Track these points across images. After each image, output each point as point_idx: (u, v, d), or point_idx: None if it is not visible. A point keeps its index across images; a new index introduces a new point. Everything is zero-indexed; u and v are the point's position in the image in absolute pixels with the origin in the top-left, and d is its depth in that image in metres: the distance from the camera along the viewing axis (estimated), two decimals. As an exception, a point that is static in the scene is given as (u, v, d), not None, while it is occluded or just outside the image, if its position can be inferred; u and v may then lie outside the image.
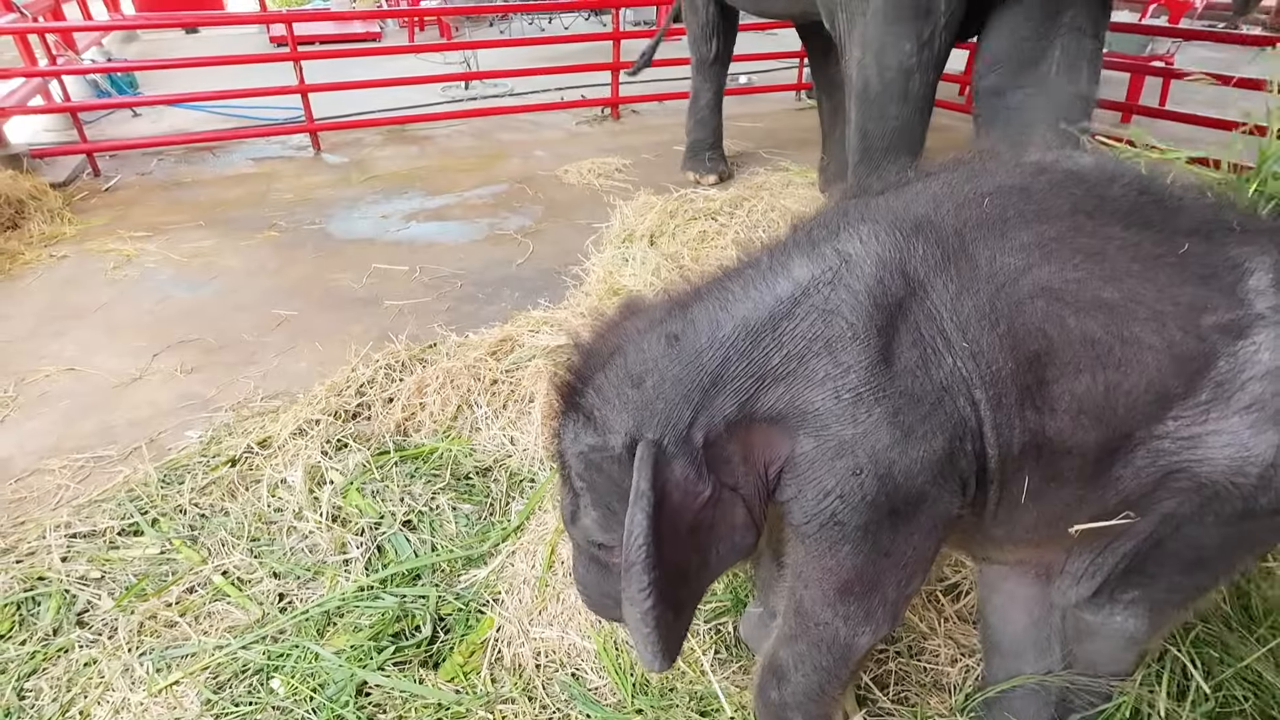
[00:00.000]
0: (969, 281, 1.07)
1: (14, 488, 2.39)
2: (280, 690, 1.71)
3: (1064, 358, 1.06)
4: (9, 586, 1.98)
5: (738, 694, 1.68)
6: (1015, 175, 1.17)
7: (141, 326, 3.34)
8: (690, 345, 1.11)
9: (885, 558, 1.14)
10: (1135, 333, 1.06)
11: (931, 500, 1.11)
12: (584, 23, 10.61)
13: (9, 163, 4.68)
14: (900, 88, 2.93)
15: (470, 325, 3.18)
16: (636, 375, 1.12)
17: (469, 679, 1.75)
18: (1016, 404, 1.08)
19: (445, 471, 2.34)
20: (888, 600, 1.20)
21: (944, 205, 1.12)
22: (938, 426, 1.07)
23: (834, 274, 1.09)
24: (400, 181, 5.06)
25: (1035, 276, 1.06)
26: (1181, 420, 1.09)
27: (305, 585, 2.00)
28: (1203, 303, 1.07)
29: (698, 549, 1.16)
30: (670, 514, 1.09)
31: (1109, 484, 1.15)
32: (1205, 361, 1.07)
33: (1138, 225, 1.12)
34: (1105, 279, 1.07)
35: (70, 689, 1.73)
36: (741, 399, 1.09)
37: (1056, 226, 1.09)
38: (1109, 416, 1.09)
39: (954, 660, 1.76)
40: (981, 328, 1.06)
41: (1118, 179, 1.17)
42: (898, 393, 1.06)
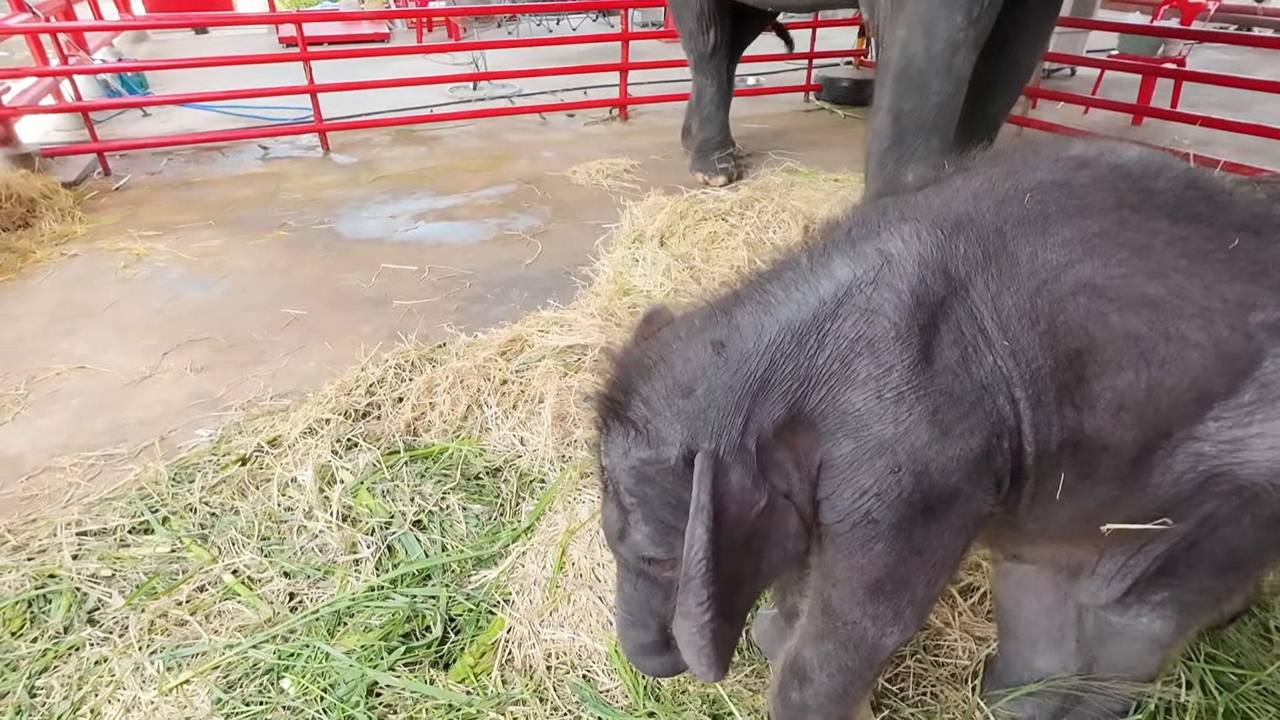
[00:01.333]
0: (1010, 279, 1.06)
1: (25, 485, 2.40)
2: (291, 690, 1.70)
3: (1106, 355, 1.05)
4: (20, 584, 1.98)
5: (750, 697, 1.67)
6: (1057, 170, 1.15)
7: (151, 325, 3.34)
8: (737, 351, 1.10)
9: (917, 556, 1.13)
10: (1181, 329, 1.04)
11: (965, 498, 1.10)
12: (592, 24, 10.61)
13: (20, 161, 4.70)
14: (945, 63, 2.97)
15: (479, 325, 3.18)
16: (686, 385, 1.10)
17: (480, 680, 1.74)
18: (1055, 401, 1.07)
19: (455, 472, 2.34)
20: (916, 600, 1.19)
21: (984, 202, 1.11)
22: (976, 425, 1.06)
23: (876, 274, 1.08)
24: (409, 182, 5.06)
25: (1077, 273, 1.05)
26: (1223, 422, 1.07)
27: (315, 585, 2.00)
28: (1252, 300, 1.05)
29: (752, 558, 1.14)
30: (728, 525, 1.08)
31: (1146, 487, 1.13)
32: (1251, 361, 1.05)
33: (1185, 220, 1.09)
34: (1150, 274, 1.05)
35: (81, 687, 1.73)
36: (789, 402, 1.08)
37: (1100, 222, 1.07)
38: (1150, 414, 1.07)
39: (970, 654, 1.75)
40: (1022, 326, 1.05)
41: (1164, 172, 1.14)
42: (938, 391, 1.05)
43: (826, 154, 5.40)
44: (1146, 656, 1.39)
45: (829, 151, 5.50)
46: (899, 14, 3.03)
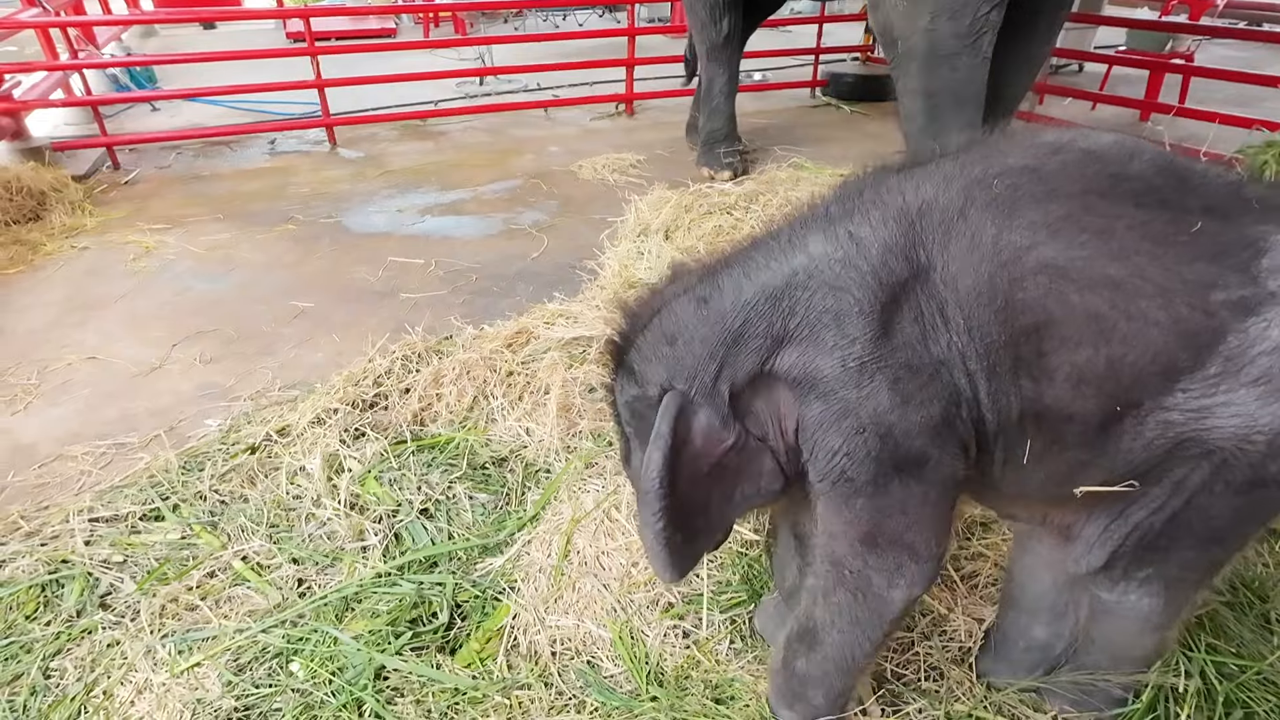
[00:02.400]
0: (971, 260, 1.14)
1: (38, 473, 2.43)
2: (300, 673, 1.73)
3: (1065, 331, 1.11)
4: (34, 569, 2.01)
5: (752, 681, 1.69)
6: (1029, 155, 1.20)
7: (161, 317, 3.38)
8: (717, 307, 1.23)
9: (902, 514, 1.23)
10: (1141, 309, 1.09)
11: (935, 461, 1.20)
12: (598, 19, 10.61)
13: (31, 155, 4.74)
14: (972, 39, 3.05)
15: (486, 318, 3.20)
16: (670, 334, 1.25)
17: (485, 665, 1.76)
18: (1013, 374, 1.15)
19: (462, 461, 2.36)
20: (917, 555, 1.27)
21: (954, 185, 1.18)
22: (934, 395, 1.17)
23: (845, 254, 1.19)
24: (415, 176, 5.08)
25: (1039, 254, 1.11)
26: (1190, 393, 1.12)
27: (324, 571, 2.02)
28: (1213, 279, 1.10)
29: (722, 487, 1.29)
30: (693, 455, 1.22)
31: (1117, 451, 1.18)
32: (1214, 336, 1.10)
33: (1152, 204, 1.14)
34: (1112, 256, 1.10)
35: (94, 669, 1.76)
36: (762, 357, 1.21)
37: (1066, 206, 1.13)
38: (1112, 387, 1.13)
39: (971, 635, 1.77)
40: (980, 304, 1.13)
41: (1137, 158, 1.19)
42: (898, 363, 1.16)
43: (832, 149, 5.40)
44: (1140, 637, 1.42)
45: (835, 147, 5.50)
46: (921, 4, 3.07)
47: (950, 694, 1.66)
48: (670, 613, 1.86)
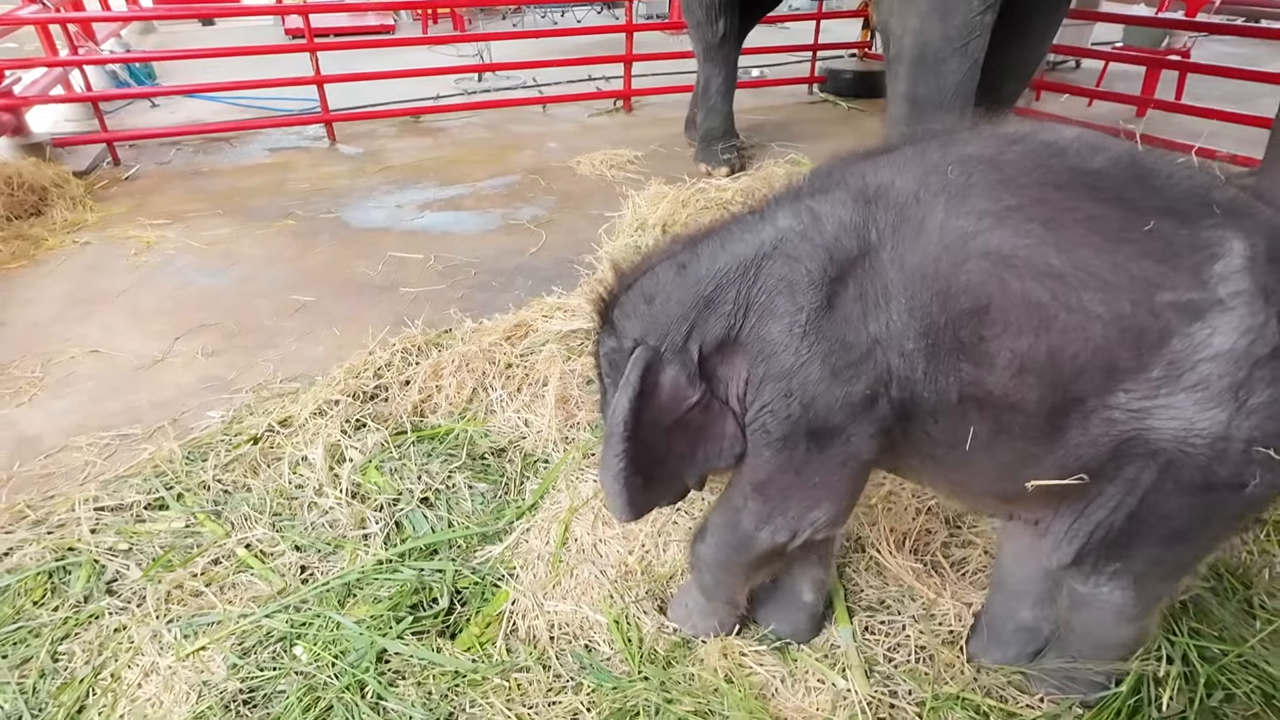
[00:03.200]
0: (918, 242, 1.19)
1: (43, 464, 2.46)
2: (303, 656, 1.76)
3: (1005, 318, 1.14)
4: (41, 556, 2.05)
5: (744, 675, 1.72)
6: (988, 145, 1.24)
7: (163, 311, 3.40)
8: (693, 273, 1.33)
9: (796, 475, 1.35)
10: (1082, 301, 1.11)
11: (845, 437, 1.29)
12: (596, 15, 10.62)
13: (32, 151, 4.76)
14: (962, 43, 3.02)
15: (485, 312, 3.23)
16: (649, 295, 1.36)
17: (485, 649, 1.80)
18: (952, 355, 1.19)
19: (461, 451, 2.40)
20: (789, 513, 1.40)
21: (911, 170, 1.24)
22: (862, 373, 1.23)
23: (803, 227, 1.27)
24: (414, 172, 5.11)
25: (984, 241, 1.15)
26: (1132, 394, 1.13)
27: (326, 558, 2.06)
28: (1161, 280, 1.10)
29: (685, 442, 1.39)
30: (657, 406, 1.33)
31: (1065, 446, 1.20)
32: (1159, 338, 1.11)
33: (1109, 199, 1.15)
34: (1057, 248, 1.12)
35: (101, 653, 1.80)
36: (730, 323, 1.30)
37: (1018, 196, 1.15)
38: (1054, 378, 1.15)
39: (960, 618, 1.81)
40: (923, 284, 1.18)
41: (1101, 152, 1.20)
42: (835, 337, 1.24)
43: (830, 145, 5.42)
44: (1116, 627, 1.45)
45: (832, 143, 5.53)
46: (911, 4, 3.07)
47: (939, 676, 1.70)
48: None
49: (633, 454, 1.32)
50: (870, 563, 1.96)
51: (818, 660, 1.74)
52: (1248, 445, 1.11)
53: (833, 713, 1.63)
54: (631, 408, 1.29)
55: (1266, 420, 1.10)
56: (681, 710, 1.61)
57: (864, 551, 2.00)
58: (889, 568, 1.94)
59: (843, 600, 1.87)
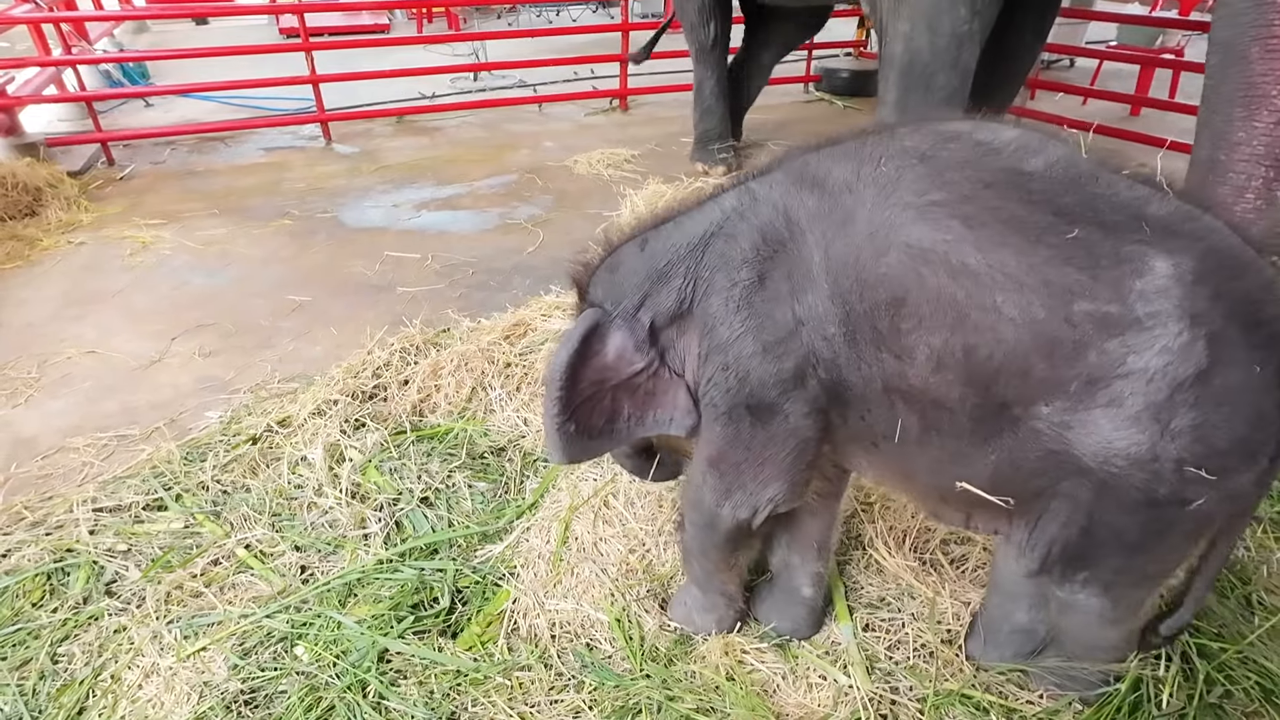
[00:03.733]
0: (843, 231, 1.23)
1: (41, 465, 2.45)
2: (304, 656, 1.76)
3: (921, 311, 1.15)
4: (39, 557, 2.04)
5: (745, 673, 1.72)
6: (925, 141, 1.25)
7: (159, 311, 3.39)
8: (652, 249, 1.43)
9: (745, 450, 1.40)
10: (996, 302, 1.11)
11: (784, 415, 1.34)
12: (592, 15, 10.61)
13: (26, 151, 4.74)
14: (951, 56, 2.96)
15: (483, 311, 3.23)
16: (614, 266, 1.48)
17: (486, 648, 1.80)
18: (871, 344, 1.22)
19: (461, 451, 2.39)
20: (746, 489, 1.45)
21: (848, 161, 1.28)
22: (790, 351, 1.29)
23: (743, 208, 1.35)
24: (411, 172, 5.10)
25: (906, 234, 1.17)
26: (1054, 407, 1.13)
27: (326, 558, 2.06)
28: (1079, 289, 1.09)
29: (635, 405, 1.47)
30: (602, 364, 1.42)
31: (997, 451, 1.20)
32: (1074, 349, 1.09)
33: (1037, 203, 1.14)
34: (976, 246, 1.12)
35: (101, 654, 1.79)
36: (680, 296, 1.39)
37: (944, 192, 1.16)
38: (971, 378, 1.15)
39: (959, 616, 1.82)
40: (845, 271, 1.22)
41: (1040, 155, 1.19)
42: (765, 313, 1.29)
43: (825, 144, 5.43)
44: (1100, 629, 1.45)
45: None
46: (901, 7, 3.03)
47: (940, 673, 1.71)
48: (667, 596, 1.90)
49: (567, 403, 1.40)
50: (870, 561, 1.97)
51: (819, 657, 1.74)
52: (1179, 466, 1.09)
53: (834, 709, 1.63)
54: (569, 361, 1.37)
55: (1194, 443, 1.08)
56: (683, 708, 1.61)
57: (864, 549, 2.00)
58: (888, 566, 1.94)
59: (843, 598, 1.87)
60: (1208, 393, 1.07)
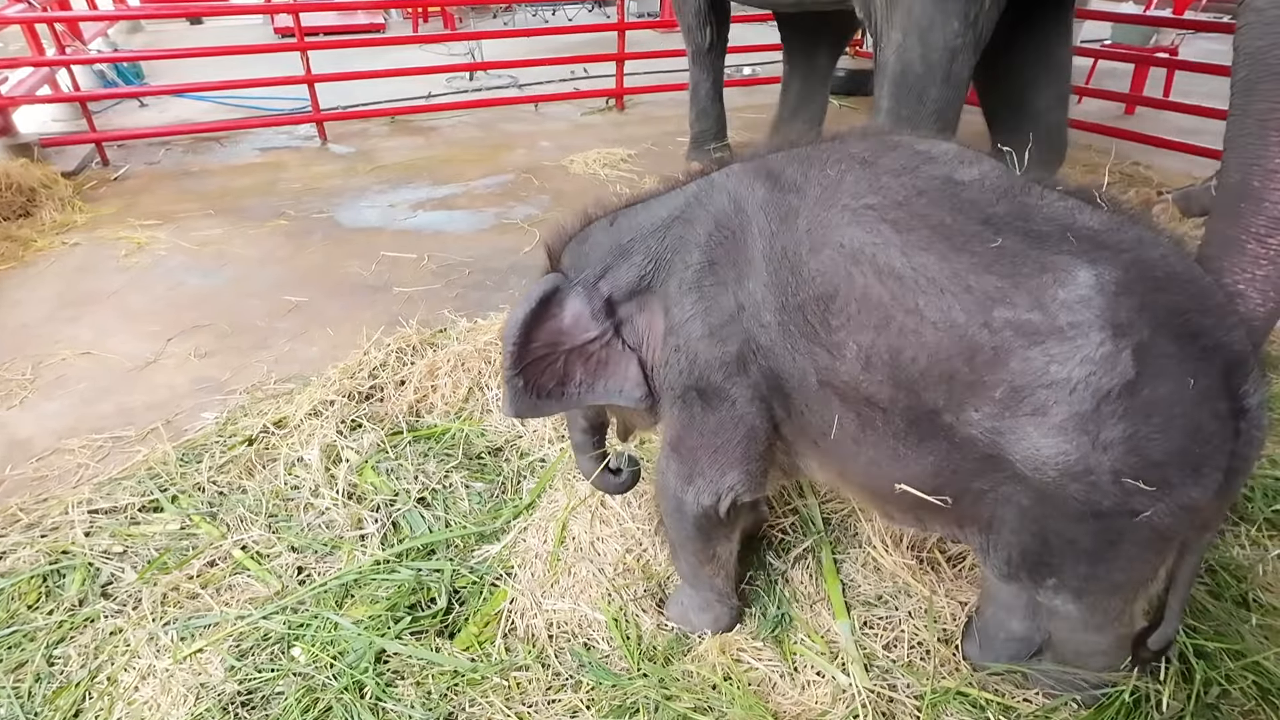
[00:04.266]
0: (786, 226, 1.29)
1: (35, 466, 2.45)
2: (301, 658, 1.76)
3: (849, 309, 1.20)
4: (35, 559, 2.04)
5: (742, 671, 1.73)
6: (869, 149, 1.31)
7: (155, 312, 3.38)
8: (619, 226, 1.51)
9: (700, 435, 1.46)
10: (919, 305, 1.14)
11: (730, 400, 1.39)
12: (588, 14, 10.60)
13: (19, 151, 4.72)
14: (944, 69, 2.88)
15: (479, 311, 3.22)
16: (583, 238, 1.56)
17: (484, 648, 1.80)
18: (803, 336, 1.28)
19: (458, 451, 2.39)
20: (705, 475, 1.50)
21: (800, 164, 1.34)
22: (732, 334, 1.35)
23: (703, 196, 1.42)
24: (407, 171, 5.09)
25: (840, 234, 1.23)
26: (984, 413, 1.14)
27: (323, 559, 2.05)
28: (1000, 295, 1.10)
29: (587, 371, 1.55)
30: (557, 328, 1.50)
31: (935, 453, 1.21)
32: (994, 355, 1.10)
33: (966, 213, 1.16)
34: (902, 250, 1.16)
35: (98, 656, 1.79)
36: (640, 274, 1.47)
37: (879, 196, 1.21)
38: (900, 380, 1.17)
39: (954, 615, 1.82)
40: (784, 264, 1.28)
41: (975, 165, 1.24)
42: (712, 298, 1.36)
43: (821, 143, 5.43)
44: (1085, 635, 1.46)
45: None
46: (895, 16, 2.95)
47: (937, 671, 1.71)
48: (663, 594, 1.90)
49: (518, 359, 1.48)
50: (868, 559, 1.97)
51: (817, 654, 1.74)
52: (1116, 478, 1.09)
53: (831, 707, 1.64)
54: (524, 319, 1.46)
55: (1128, 455, 1.08)
56: (681, 707, 1.61)
57: (861, 547, 2.01)
58: (885, 564, 1.95)
59: (840, 595, 1.88)
60: (1136, 404, 1.06)
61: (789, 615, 1.85)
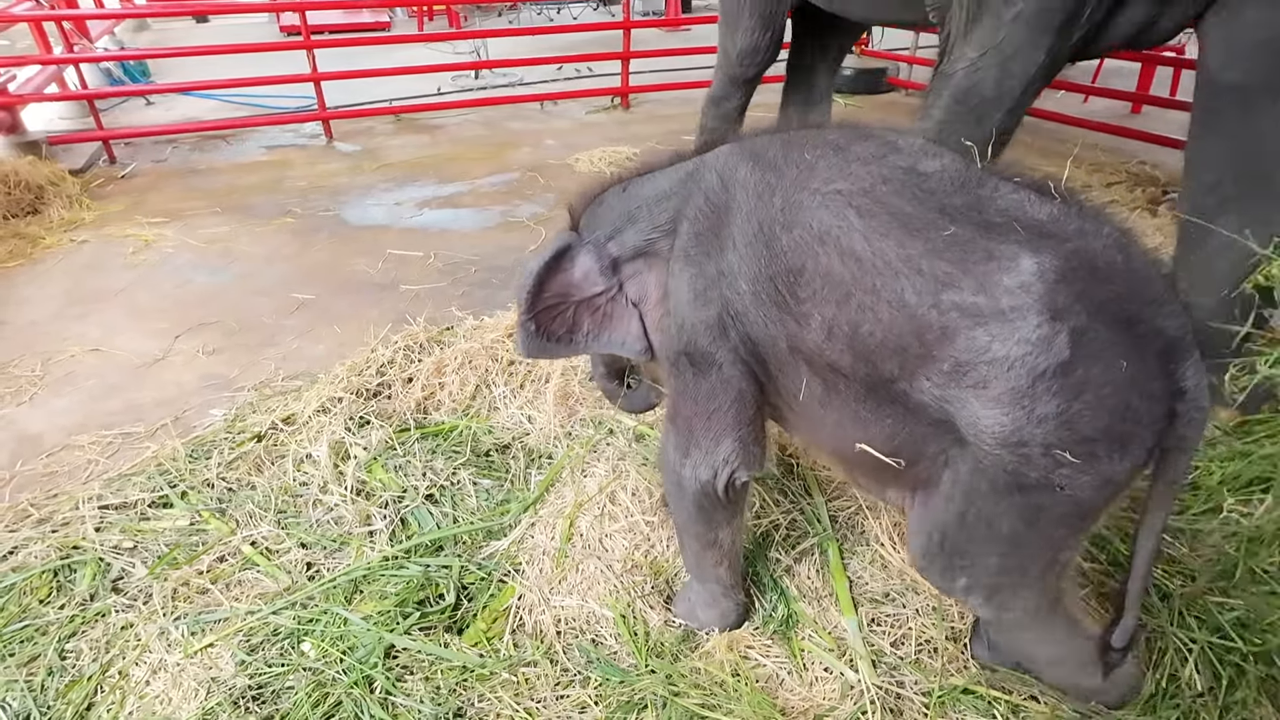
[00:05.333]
0: (764, 203, 1.38)
1: (45, 463, 2.46)
2: (311, 652, 1.77)
3: (815, 284, 1.30)
4: (46, 554, 2.05)
5: (749, 668, 1.73)
6: (844, 138, 1.41)
7: (162, 309, 3.40)
8: (630, 193, 1.64)
9: (694, 402, 1.54)
10: (874, 284, 1.24)
11: (718, 364, 1.48)
12: (593, 12, 10.60)
13: (28, 149, 4.74)
14: (1014, 98, 2.71)
15: (485, 309, 3.23)
16: (600, 201, 1.68)
17: (492, 644, 1.80)
18: (774, 305, 1.37)
19: (465, 448, 2.40)
20: (700, 446, 1.57)
21: (780, 147, 1.44)
22: (714, 299, 1.44)
23: (696, 172, 1.53)
24: (412, 170, 5.10)
25: (810, 215, 1.32)
26: (933, 382, 1.22)
27: (331, 555, 2.06)
28: (948, 279, 1.19)
29: (593, 322, 1.68)
30: (567, 280, 1.64)
31: (893, 416, 1.30)
32: (942, 333, 1.19)
33: (924, 202, 1.25)
34: (865, 234, 1.25)
35: (109, 650, 1.80)
36: (644, 238, 1.59)
37: (847, 183, 1.31)
38: (859, 352, 1.27)
39: (962, 615, 1.83)
40: (759, 238, 1.37)
41: (937, 159, 1.32)
42: (699, 264, 1.46)
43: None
44: (1015, 636, 1.50)
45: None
46: (974, 31, 2.73)
47: (945, 669, 1.71)
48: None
49: (532, 305, 1.61)
50: (875, 556, 1.98)
51: (825, 651, 1.75)
52: (1046, 450, 1.16)
53: (839, 703, 1.64)
54: (539, 270, 1.59)
55: (1059, 428, 1.14)
56: (688, 703, 1.62)
57: (869, 545, 2.01)
58: (893, 561, 1.95)
59: (848, 591, 1.88)
60: (1070, 383, 1.13)
61: (796, 612, 1.86)
